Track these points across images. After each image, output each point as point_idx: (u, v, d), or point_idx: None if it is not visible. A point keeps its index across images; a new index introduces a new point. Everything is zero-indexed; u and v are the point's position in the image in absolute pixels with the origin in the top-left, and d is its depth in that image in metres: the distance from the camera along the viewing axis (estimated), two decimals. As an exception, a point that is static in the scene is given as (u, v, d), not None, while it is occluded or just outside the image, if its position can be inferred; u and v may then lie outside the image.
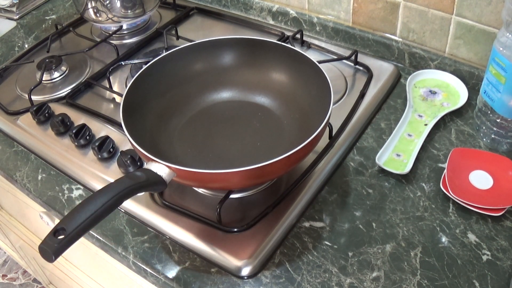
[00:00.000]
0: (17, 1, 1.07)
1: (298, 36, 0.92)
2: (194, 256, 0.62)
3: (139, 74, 0.69)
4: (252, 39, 0.75)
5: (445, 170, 0.67)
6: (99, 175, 0.72)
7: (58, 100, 0.86)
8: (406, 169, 0.68)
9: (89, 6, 0.95)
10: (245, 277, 0.59)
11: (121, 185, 0.52)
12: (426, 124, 0.75)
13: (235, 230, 0.63)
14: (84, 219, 0.48)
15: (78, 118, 0.80)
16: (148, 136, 0.67)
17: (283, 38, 0.93)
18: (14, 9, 1.07)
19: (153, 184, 0.55)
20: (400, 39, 0.87)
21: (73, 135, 0.75)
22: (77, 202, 0.69)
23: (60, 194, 0.72)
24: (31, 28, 1.06)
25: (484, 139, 0.73)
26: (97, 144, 0.73)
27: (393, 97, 0.81)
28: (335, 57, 0.88)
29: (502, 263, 0.58)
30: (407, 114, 0.77)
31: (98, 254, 0.81)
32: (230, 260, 0.60)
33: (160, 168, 0.56)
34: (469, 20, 0.78)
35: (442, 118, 0.76)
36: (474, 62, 0.81)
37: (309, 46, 0.92)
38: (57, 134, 0.79)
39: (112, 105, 0.84)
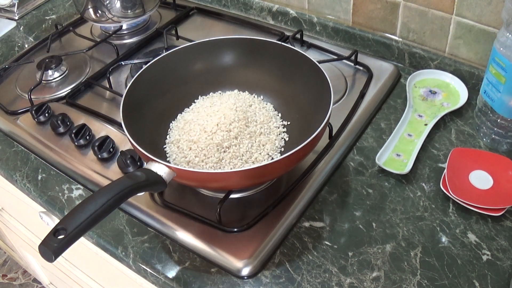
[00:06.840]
0: (17, 1, 1.07)
1: (298, 36, 0.92)
2: (194, 256, 0.62)
3: (139, 74, 0.69)
4: (252, 39, 0.75)
5: (445, 170, 0.67)
6: (99, 175, 0.72)
7: (58, 100, 0.86)
8: (406, 169, 0.68)
9: (89, 6, 0.95)
10: (245, 277, 0.59)
11: (121, 185, 0.52)
12: (426, 124, 0.75)
13: (235, 230, 0.62)
14: (84, 219, 0.48)
15: (78, 118, 0.80)
16: (148, 136, 0.67)
17: (283, 38, 0.93)
18: (14, 9, 1.07)
19: (153, 184, 0.55)
20: (400, 39, 0.87)
21: (73, 135, 0.75)
22: (77, 202, 0.69)
23: (60, 194, 0.72)
24: (31, 28, 1.06)
25: (484, 139, 0.73)
26: (97, 144, 0.73)
27: (393, 97, 0.81)
28: (335, 57, 0.87)
29: (502, 263, 0.58)
30: (407, 114, 0.77)
31: (98, 254, 0.81)
32: (230, 260, 0.60)
33: (160, 168, 0.56)
34: (469, 20, 0.78)
35: (442, 118, 0.76)
36: (474, 62, 0.81)
37: (309, 46, 0.92)
38: (57, 134, 0.79)
39: (112, 105, 0.84)
